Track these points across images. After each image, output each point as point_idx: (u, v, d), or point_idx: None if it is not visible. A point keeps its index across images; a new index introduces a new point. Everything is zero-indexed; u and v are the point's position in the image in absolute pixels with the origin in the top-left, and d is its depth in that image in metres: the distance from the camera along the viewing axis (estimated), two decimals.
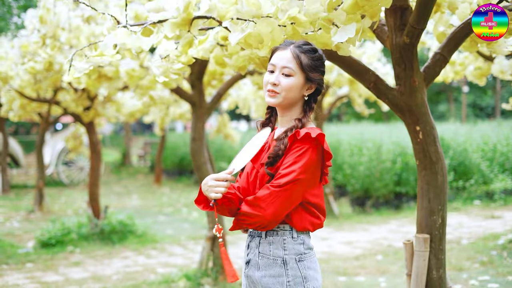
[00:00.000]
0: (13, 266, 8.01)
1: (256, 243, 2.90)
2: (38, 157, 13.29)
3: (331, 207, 11.53)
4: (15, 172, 20.49)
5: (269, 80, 2.89)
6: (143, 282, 7.06)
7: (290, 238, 2.84)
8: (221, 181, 2.74)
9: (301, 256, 2.84)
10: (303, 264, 2.84)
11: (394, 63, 3.88)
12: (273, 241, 2.85)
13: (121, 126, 44.08)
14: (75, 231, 9.42)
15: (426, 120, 3.87)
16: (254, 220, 2.75)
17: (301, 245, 2.86)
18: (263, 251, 2.86)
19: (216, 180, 2.75)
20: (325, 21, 3.16)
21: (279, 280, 2.80)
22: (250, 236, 2.96)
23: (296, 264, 2.82)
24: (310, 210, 2.85)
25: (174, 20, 3.55)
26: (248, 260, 2.93)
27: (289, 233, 2.85)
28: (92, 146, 9.52)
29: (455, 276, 6.97)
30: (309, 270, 2.85)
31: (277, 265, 2.82)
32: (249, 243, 2.95)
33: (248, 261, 2.93)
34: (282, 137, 2.84)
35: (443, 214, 3.89)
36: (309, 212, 2.85)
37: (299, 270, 2.82)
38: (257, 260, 2.88)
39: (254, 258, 2.89)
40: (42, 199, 13.00)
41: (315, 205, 2.85)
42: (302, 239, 2.87)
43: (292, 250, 2.83)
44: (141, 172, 22.83)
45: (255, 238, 2.92)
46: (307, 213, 2.85)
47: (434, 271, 3.88)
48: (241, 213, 2.79)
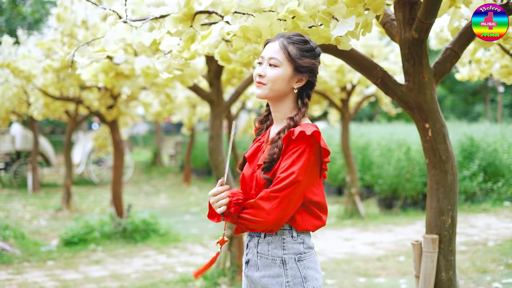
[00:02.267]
0: (35, 263, 8.06)
1: (255, 243, 2.84)
2: (65, 156, 13.41)
3: (357, 207, 11.39)
4: (47, 171, 20.68)
5: (256, 72, 2.83)
6: (161, 281, 7.04)
7: (289, 237, 2.77)
8: (218, 194, 2.72)
9: (300, 255, 2.77)
10: (302, 264, 2.77)
11: (403, 58, 3.79)
12: (272, 240, 2.78)
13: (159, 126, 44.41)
14: (98, 229, 9.45)
15: (435, 118, 3.76)
16: (257, 225, 2.69)
17: (300, 244, 2.79)
18: (262, 251, 2.80)
19: (215, 195, 2.74)
20: (325, 15, 3.08)
21: (278, 280, 2.74)
22: (249, 236, 2.90)
23: (295, 264, 2.75)
24: (312, 211, 2.77)
25: (175, 15, 3.50)
26: (247, 260, 2.87)
27: (288, 233, 2.78)
28: (116, 145, 9.53)
29: (478, 279, 6.81)
30: (308, 270, 2.78)
31: (276, 265, 2.75)
32: (248, 242, 2.89)
33: (247, 261, 2.87)
34: (276, 140, 2.76)
35: (453, 214, 3.77)
36: (311, 213, 2.78)
37: (298, 270, 2.75)
38: (256, 260, 2.82)
39: (253, 258, 2.83)
40: (70, 197, 13.11)
41: (317, 204, 2.78)
42: (302, 239, 2.80)
43: (292, 249, 2.76)
44: (172, 171, 22.89)
45: (254, 238, 2.86)
46: (309, 214, 2.78)
47: (443, 272, 3.76)
48: (243, 218, 2.74)
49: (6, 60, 8.07)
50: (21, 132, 18.34)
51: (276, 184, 2.65)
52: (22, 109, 12.82)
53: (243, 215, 2.73)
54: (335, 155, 14.81)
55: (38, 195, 16.16)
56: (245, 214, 2.73)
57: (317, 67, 2.87)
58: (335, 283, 6.84)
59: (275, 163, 2.72)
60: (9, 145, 18.25)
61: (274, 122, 2.93)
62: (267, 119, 3.01)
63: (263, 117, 3.03)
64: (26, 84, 8.84)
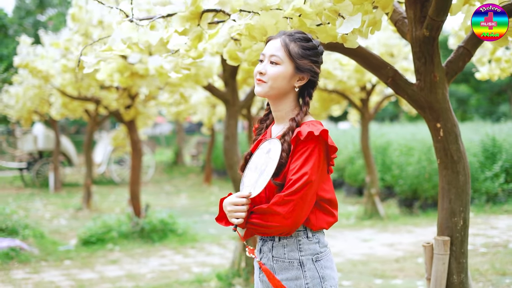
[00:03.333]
0: (52, 263, 8.09)
1: (269, 247, 2.78)
2: (86, 156, 13.50)
3: (377, 208, 11.29)
4: (69, 170, 20.81)
5: (257, 69, 2.78)
6: (175, 281, 7.02)
7: (305, 238, 2.73)
8: (240, 205, 2.66)
9: (317, 255, 2.73)
10: (320, 264, 2.73)
11: (414, 57, 3.71)
12: (287, 243, 2.73)
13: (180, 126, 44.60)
14: (116, 229, 9.47)
15: (447, 117, 3.68)
16: (273, 230, 2.63)
17: (316, 244, 2.75)
18: (277, 255, 2.75)
19: (235, 204, 2.66)
20: (331, 12, 3.04)
21: (297, 283, 2.69)
22: (261, 240, 2.84)
23: (313, 265, 2.71)
24: (325, 209, 2.74)
25: (183, 14, 3.47)
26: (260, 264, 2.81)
27: (303, 233, 2.73)
28: (133, 144, 9.55)
29: (497, 281, 6.69)
30: (326, 269, 2.74)
31: (293, 267, 2.71)
32: (261, 247, 2.82)
33: (260, 265, 2.80)
34: (282, 143, 2.71)
35: (465, 215, 3.69)
36: (324, 210, 2.74)
37: (316, 270, 2.71)
38: (271, 264, 2.76)
39: (268, 263, 2.77)
40: (90, 197, 13.18)
41: (329, 201, 2.74)
42: (317, 238, 2.76)
43: (308, 250, 2.72)
44: (193, 171, 22.92)
45: (267, 242, 2.80)
46: (322, 212, 2.74)
47: (454, 275, 3.69)
48: (253, 224, 2.67)
49: (24, 60, 8.12)
50: (43, 132, 18.48)
51: (290, 187, 2.60)
52: (44, 109, 12.93)
53: (253, 221, 2.67)
54: (356, 155, 14.71)
55: (59, 194, 16.28)
56: (255, 219, 2.66)
57: (319, 66, 2.82)
58: (351, 285, 6.77)
59: (284, 167, 2.68)
60: (31, 144, 18.41)
61: (275, 121, 2.88)
62: (267, 118, 2.96)
63: (263, 116, 2.98)
64: (44, 84, 8.88)
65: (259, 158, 2.73)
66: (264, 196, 2.73)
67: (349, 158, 15.06)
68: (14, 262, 7.97)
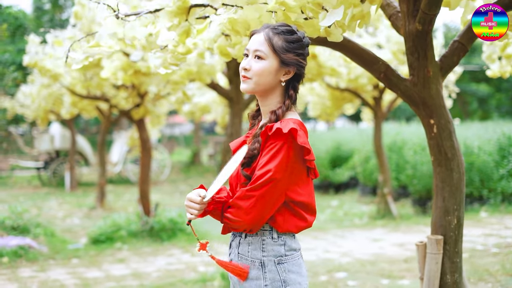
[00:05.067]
0: (60, 261, 8.11)
1: (236, 243, 2.74)
2: (100, 156, 13.52)
3: (390, 208, 11.18)
4: (85, 170, 20.90)
5: (241, 65, 2.71)
6: (180, 280, 6.99)
7: (269, 239, 2.65)
8: (194, 203, 2.58)
9: (281, 258, 2.65)
10: (283, 267, 2.64)
11: (407, 52, 3.64)
12: (252, 241, 2.67)
13: (199, 126, 44.74)
14: (125, 228, 9.47)
15: (441, 113, 3.61)
16: (237, 224, 2.58)
17: (281, 246, 2.66)
18: (242, 252, 2.69)
19: (190, 201, 2.60)
20: (314, 5, 2.97)
21: (256, 283, 2.63)
22: (233, 235, 2.79)
23: (275, 267, 2.63)
24: (296, 212, 2.64)
25: (170, 9, 3.43)
26: (230, 260, 2.77)
27: (269, 234, 2.66)
28: (143, 143, 9.53)
29: (506, 282, 6.57)
30: (290, 273, 2.65)
31: (255, 267, 2.64)
32: (231, 242, 2.78)
33: (230, 261, 2.77)
34: (258, 135, 2.65)
35: (459, 214, 3.61)
36: (294, 213, 2.65)
37: (278, 273, 2.63)
38: (237, 261, 2.70)
39: (234, 259, 2.73)
40: (104, 196, 13.20)
41: (301, 204, 2.64)
42: (283, 240, 2.67)
43: (271, 251, 2.64)
44: (210, 171, 22.91)
45: (236, 238, 2.75)
46: (292, 215, 2.65)
47: (448, 275, 3.60)
48: (226, 217, 2.62)
49: (33, 59, 8.14)
50: (60, 132, 18.60)
51: (253, 183, 2.54)
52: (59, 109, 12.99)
53: (226, 215, 2.62)
54: (371, 154, 14.59)
55: (75, 193, 16.35)
56: (228, 213, 2.62)
57: (305, 58, 2.75)
58: (357, 285, 6.70)
59: (255, 159, 2.61)
60: (48, 144, 18.51)
61: (263, 116, 2.80)
62: (258, 114, 2.88)
63: (254, 112, 2.91)
64: (53, 83, 8.89)
65: (226, 166, 2.66)
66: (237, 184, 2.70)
67: (364, 158, 14.94)
68: (22, 260, 7.99)
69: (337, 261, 7.81)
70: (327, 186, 16.09)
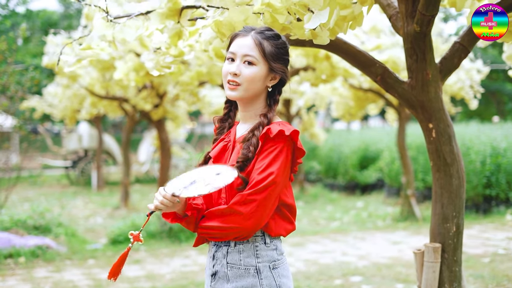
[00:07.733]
0: (76, 262, 8.12)
1: (223, 253, 2.61)
2: (124, 155, 13.57)
3: (413, 210, 11.00)
4: (113, 169, 21.02)
5: (229, 70, 2.61)
6: (191, 282, 6.94)
7: (262, 244, 2.59)
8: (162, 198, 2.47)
9: (275, 263, 2.60)
10: (277, 272, 2.59)
11: (405, 54, 3.54)
12: (243, 249, 2.58)
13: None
14: (144, 228, 9.46)
15: (440, 117, 3.49)
16: (230, 232, 2.50)
17: (274, 251, 2.61)
18: (233, 261, 2.59)
19: (159, 194, 2.49)
20: (300, 7, 2.89)
21: None
22: (215, 246, 2.66)
23: (270, 272, 2.57)
24: (284, 215, 2.61)
25: (161, 11, 3.37)
26: (214, 272, 2.64)
27: (261, 239, 2.59)
28: (162, 144, 9.53)
29: None
30: (283, 278, 2.61)
31: (249, 275, 2.56)
32: (215, 253, 2.65)
33: (214, 273, 2.64)
34: (250, 137, 2.56)
35: (458, 221, 3.48)
36: (283, 217, 2.61)
37: (273, 278, 2.57)
38: (225, 271, 2.60)
39: (222, 270, 2.61)
40: (128, 196, 13.24)
41: (289, 207, 2.61)
42: (275, 245, 2.62)
43: (266, 257, 2.58)
44: None
45: (221, 248, 2.62)
46: (282, 219, 2.61)
47: (446, 284, 3.48)
48: (205, 227, 2.55)
49: (51, 59, 8.17)
50: (88, 131, 18.73)
51: (254, 186, 2.46)
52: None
53: (208, 224, 2.54)
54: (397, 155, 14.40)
55: (101, 193, 16.45)
56: (210, 222, 2.53)
57: (289, 62, 2.70)
58: None
59: (249, 162, 2.53)
60: (76, 143, 18.67)
61: (242, 120, 2.74)
62: (228, 117, 2.81)
63: (223, 116, 2.83)
64: (72, 83, 8.93)
65: (205, 172, 2.52)
66: (225, 197, 2.59)
67: (391, 159, 14.74)
68: (39, 261, 8.02)
69: (353, 265, 7.69)
70: (353, 187, 15.93)
